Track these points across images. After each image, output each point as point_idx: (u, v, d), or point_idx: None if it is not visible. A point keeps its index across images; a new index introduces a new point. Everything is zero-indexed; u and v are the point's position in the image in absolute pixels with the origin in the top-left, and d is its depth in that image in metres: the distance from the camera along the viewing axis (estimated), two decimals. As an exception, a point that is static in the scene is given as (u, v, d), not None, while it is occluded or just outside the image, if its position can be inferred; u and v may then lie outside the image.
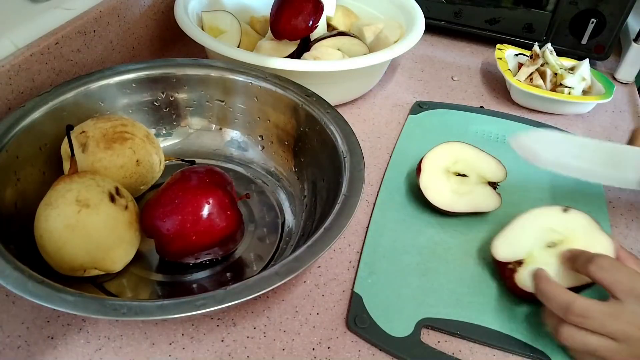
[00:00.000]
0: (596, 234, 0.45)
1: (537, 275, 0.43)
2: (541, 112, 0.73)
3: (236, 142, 0.59)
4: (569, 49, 0.80)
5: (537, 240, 0.46)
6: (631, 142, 0.52)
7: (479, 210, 0.53)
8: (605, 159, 0.49)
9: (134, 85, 0.56)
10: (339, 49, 0.67)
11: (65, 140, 0.48)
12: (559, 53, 0.75)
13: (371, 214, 0.54)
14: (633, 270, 0.39)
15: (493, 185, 0.54)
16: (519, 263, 0.45)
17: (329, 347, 0.43)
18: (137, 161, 0.48)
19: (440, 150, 0.55)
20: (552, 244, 0.45)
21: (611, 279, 0.39)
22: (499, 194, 0.54)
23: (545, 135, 0.49)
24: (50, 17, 0.58)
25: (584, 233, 0.45)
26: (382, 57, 0.62)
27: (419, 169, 0.54)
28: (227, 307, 0.35)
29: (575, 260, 0.42)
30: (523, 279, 0.44)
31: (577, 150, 0.49)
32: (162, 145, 0.57)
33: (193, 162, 0.56)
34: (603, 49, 0.79)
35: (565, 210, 0.46)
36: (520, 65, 0.75)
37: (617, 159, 0.49)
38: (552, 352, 0.43)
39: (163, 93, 0.57)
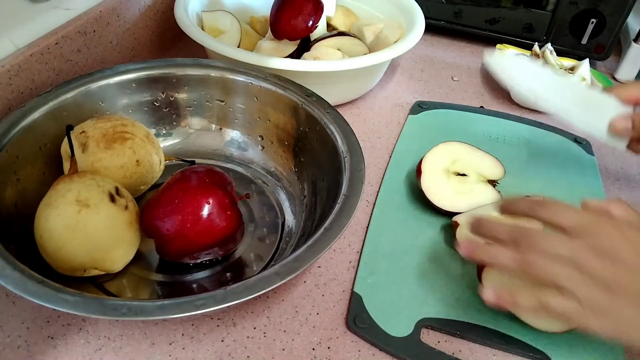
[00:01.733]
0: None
1: (475, 219, 0.41)
2: (541, 112, 0.73)
3: (236, 142, 0.59)
4: (569, 49, 0.80)
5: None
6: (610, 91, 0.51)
7: (480, 209, 0.53)
8: (576, 98, 0.48)
9: (134, 85, 0.56)
10: (339, 49, 0.67)
11: (65, 140, 0.48)
12: (559, 53, 0.75)
13: (371, 214, 0.54)
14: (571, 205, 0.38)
15: (492, 183, 0.54)
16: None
17: (329, 347, 0.43)
18: (137, 161, 0.48)
19: (438, 151, 0.55)
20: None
21: (559, 216, 0.38)
22: (498, 192, 0.54)
23: (521, 59, 0.47)
24: (50, 17, 0.58)
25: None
26: (382, 57, 0.62)
27: (419, 171, 0.54)
28: (227, 307, 0.35)
29: (512, 207, 0.40)
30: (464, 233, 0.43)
31: (550, 81, 0.48)
32: (162, 145, 0.57)
33: (193, 162, 0.56)
34: (603, 49, 0.79)
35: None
36: (520, 65, 0.75)
37: (586, 101, 0.48)
38: (552, 352, 0.43)
39: (163, 93, 0.57)
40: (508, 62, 0.48)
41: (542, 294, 0.37)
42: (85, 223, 0.40)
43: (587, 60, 0.73)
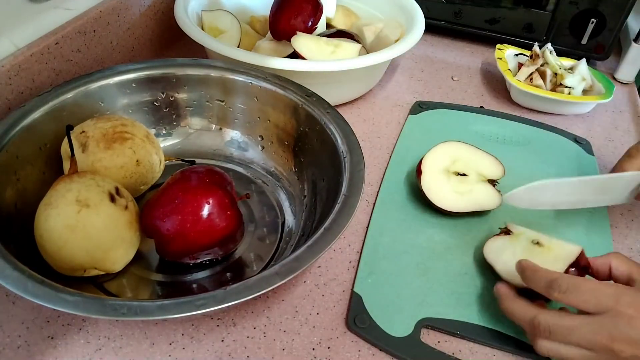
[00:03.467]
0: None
1: (501, 294, 0.43)
2: (541, 112, 0.73)
3: (236, 142, 0.59)
4: (569, 49, 0.80)
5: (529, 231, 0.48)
6: (622, 160, 0.53)
7: (481, 208, 0.53)
8: (595, 189, 0.51)
9: (134, 85, 0.56)
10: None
11: (65, 140, 0.48)
12: (559, 53, 0.75)
13: (371, 214, 0.54)
14: (593, 283, 0.39)
15: (492, 183, 0.54)
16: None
17: (329, 347, 0.43)
18: (137, 161, 0.48)
19: (438, 151, 0.55)
20: (535, 241, 0.47)
21: (576, 300, 0.38)
22: (499, 191, 0.54)
23: (535, 185, 0.50)
24: (50, 17, 0.58)
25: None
26: (382, 57, 0.62)
27: (419, 171, 0.54)
28: (227, 307, 0.35)
29: (532, 278, 0.42)
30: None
31: (568, 189, 0.51)
32: (162, 145, 0.57)
33: (193, 162, 0.56)
34: (603, 49, 0.79)
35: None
36: (520, 65, 0.75)
37: (605, 187, 0.50)
38: (552, 352, 0.43)
39: (163, 93, 0.57)
40: (524, 191, 0.50)
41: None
42: (85, 223, 0.40)
43: (584, 60, 0.72)
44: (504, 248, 0.47)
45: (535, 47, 0.73)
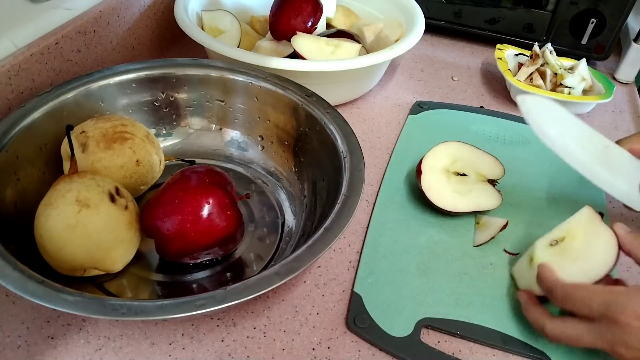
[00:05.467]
0: (597, 228, 0.45)
1: (521, 302, 0.45)
2: (541, 112, 0.73)
3: (236, 142, 0.59)
4: (569, 49, 0.80)
5: (541, 240, 0.47)
6: (626, 139, 0.51)
7: (481, 209, 0.53)
8: (599, 154, 0.49)
9: (134, 85, 0.56)
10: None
11: (65, 140, 0.48)
12: (559, 53, 0.75)
13: (371, 214, 0.54)
14: (585, 291, 0.40)
15: (492, 182, 0.54)
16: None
17: (329, 347, 0.43)
18: (137, 161, 0.48)
19: (438, 151, 0.55)
20: (554, 242, 0.46)
21: (572, 308, 0.40)
22: (499, 191, 0.54)
23: (550, 105, 0.48)
24: (50, 17, 0.58)
25: (585, 228, 0.45)
26: (382, 57, 0.62)
27: (419, 171, 0.54)
28: (227, 307, 0.35)
29: (540, 287, 0.43)
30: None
31: (576, 132, 0.49)
32: (162, 145, 0.57)
33: (193, 162, 0.56)
34: (603, 49, 0.79)
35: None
36: (520, 65, 0.75)
37: (609, 158, 0.49)
38: (552, 352, 0.43)
39: (163, 93, 0.57)
40: (539, 106, 0.49)
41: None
42: (85, 223, 0.40)
43: (584, 60, 0.72)
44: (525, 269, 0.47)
45: (535, 47, 0.73)
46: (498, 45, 0.77)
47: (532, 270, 0.45)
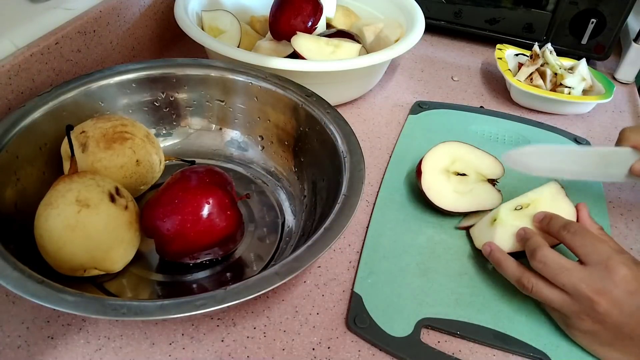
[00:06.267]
0: (561, 201, 0.49)
1: (493, 248, 0.47)
2: (541, 112, 0.73)
3: (236, 142, 0.59)
4: (569, 49, 0.80)
5: (506, 203, 0.50)
6: (619, 142, 0.52)
7: (482, 208, 0.53)
8: (596, 162, 0.51)
9: (134, 85, 0.56)
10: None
11: (65, 140, 0.48)
12: (559, 53, 0.75)
13: (371, 214, 0.54)
14: (598, 237, 0.43)
15: (492, 182, 0.54)
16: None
17: (329, 347, 0.43)
18: (137, 161, 0.48)
19: (438, 151, 0.55)
20: (519, 207, 0.49)
21: (579, 242, 0.42)
22: (499, 191, 0.54)
23: (535, 148, 0.52)
24: (50, 17, 0.58)
25: (550, 199, 0.49)
26: (382, 57, 0.62)
27: (419, 171, 0.54)
28: (227, 307, 0.35)
29: (549, 223, 0.46)
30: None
31: (567, 157, 0.52)
32: (162, 145, 0.57)
33: (193, 162, 0.56)
34: (603, 49, 0.79)
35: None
36: (520, 65, 0.75)
37: (606, 160, 0.51)
38: (552, 352, 0.43)
39: (163, 93, 0.57)
40: (522, 153, 0.52)
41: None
42: (85, 223, 0.40)
43: (584, 60, 0.72)
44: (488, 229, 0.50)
45: (535, 47, 0.73)
46: (498, 45, 0.78)
47: (492, 230, 0.48)
